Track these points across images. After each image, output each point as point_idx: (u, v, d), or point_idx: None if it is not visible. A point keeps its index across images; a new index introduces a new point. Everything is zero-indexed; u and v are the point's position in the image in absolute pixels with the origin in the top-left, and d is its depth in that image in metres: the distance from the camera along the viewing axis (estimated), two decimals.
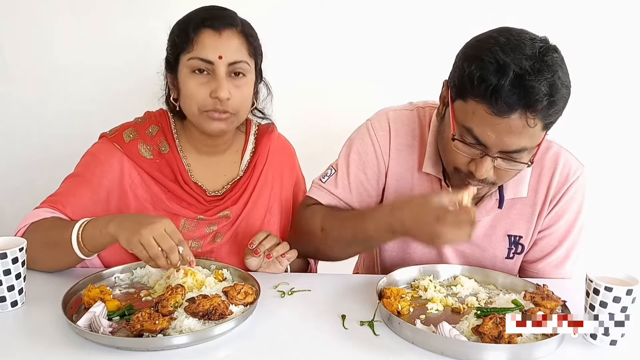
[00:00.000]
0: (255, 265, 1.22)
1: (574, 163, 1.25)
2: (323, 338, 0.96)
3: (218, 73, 1.18)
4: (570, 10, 1.83)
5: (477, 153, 1.05)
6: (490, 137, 1.01)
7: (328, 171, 1.33)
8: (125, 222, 1.04)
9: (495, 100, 0.96)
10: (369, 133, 1.29)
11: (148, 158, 1.27)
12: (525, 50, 0.96)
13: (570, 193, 1.24)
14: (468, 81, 1.00)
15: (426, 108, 1.29)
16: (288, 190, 1.42)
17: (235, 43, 1.20)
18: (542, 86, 0.95)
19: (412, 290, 1.14)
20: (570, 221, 1.26)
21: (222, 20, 1.19)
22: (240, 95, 1.22)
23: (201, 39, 1.18)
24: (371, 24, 1.92)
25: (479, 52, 1.00)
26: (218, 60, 1.17)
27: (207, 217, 1.30)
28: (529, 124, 0.98)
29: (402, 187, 1.28)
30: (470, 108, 1.01)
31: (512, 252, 1.29)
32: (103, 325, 0.92)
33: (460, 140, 1.05)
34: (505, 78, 0.95)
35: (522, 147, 1.02)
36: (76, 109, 1.97)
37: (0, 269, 0.99)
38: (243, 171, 1.36)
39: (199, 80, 1.19)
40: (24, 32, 1.90)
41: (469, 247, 1.30)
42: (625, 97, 1.98)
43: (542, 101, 0.96)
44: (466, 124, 1.03)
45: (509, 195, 1.24)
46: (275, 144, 1.40)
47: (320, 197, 1.30)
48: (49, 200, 1.21)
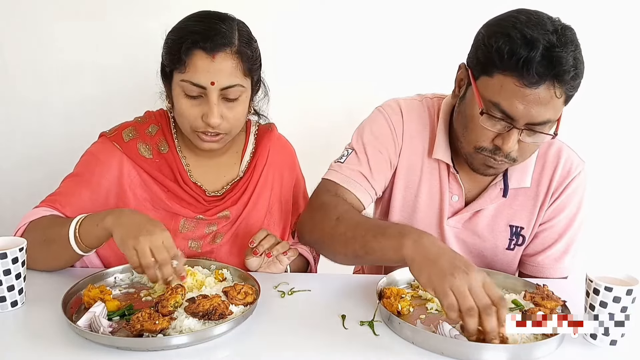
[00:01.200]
0: (256, 265, 1.23)
1: (576, 159, 1.28)
2: (323, 338, 0.96)
3: (210, 98, 1.15)
4: (570, 8, 1.83)
5: (504, 126, 1.08)
6: (518, 109, 1.04)
7: (344, 152, 1.32)
8: (123, 218, 1.02)
9: (527, 71, 1.00)
10: (383, 116, 1.31)
11: (147, 157, 1.27)
12: (547, 26, 1.02)
13: (571, 187, 1.26)
14: (497, 56, 1.03)
15: (434, 99, 1.33)
16: (288, 190, 1.42)
17: (229, 67, 1.15)
18: (569, 57, 1.00)
19: (412, 290, 1.14)
20: (571, 215, 1.28)
21: (215, 40, 1.13)
22: (233, 116, 1.19)
23: (193, 62, 1.13)
24: (371, 24, 1.92)
25: (504, 29, 1.04)
26: (210, 86, 1.14)
27: (207, 217, 1.29)
28: (556, 94, 1.02)
29: (411, 171, 1.31)
30: (497, 82, 1.05)
31: (512, 244, 1.31)
32: (103, 325, 0.92)
33: (489, 114, 1.08)
34: (535, 50, 0.99)
35: (548, 118, 1.05)
36: (76, 108, 1.97)
37: (0, 269, 0.99)
38: (243, 172, 1.35)
39: (190, 102, 1.17)
40: (24, 32, 1.90)
41: (470, 236, 1.32)
42: (627, 95, 1.98)
43: (569, 71, 1.01)
44: (493, 99, 1.06)
45: (513, 184, 1.26)
46: (275, 144, 1.39)
47: (342, 179, 1.24)
48: (48, 200, 1.21)
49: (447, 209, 1.30)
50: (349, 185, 1.24)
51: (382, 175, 1.29)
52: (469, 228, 1.31)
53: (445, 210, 1.30)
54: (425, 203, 1.32)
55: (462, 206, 1.30)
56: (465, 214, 1.30)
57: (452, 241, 1.33)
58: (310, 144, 1.67)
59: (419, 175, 1.31)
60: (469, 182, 1.30)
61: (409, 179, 1.32)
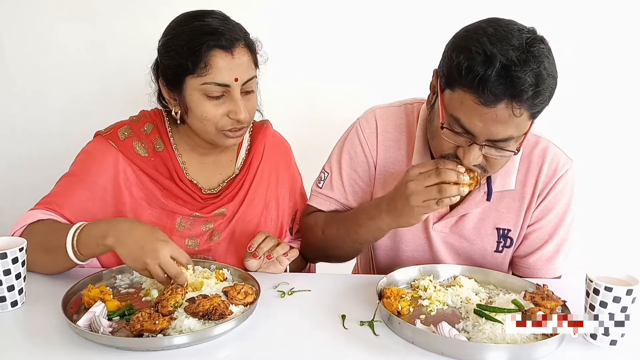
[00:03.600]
0: (255, 266, 1.22)
1: (562, 157, 1.26)
2: (323, 338, 0.96)
3: (235, 95, 1.16)
4: (559, 5, 1.83)
5: (465, 141, 1.07)
6: (477, 126, 1.03)
7: (322, 175, 1.39)
8: (123, 236, 1.02)
9: (482, 90, 0.98)
10: (357, 133, 1.34)
11: (143, 156, 1.27)
12: (512, 41, 0.98)
13: (558, 187, 1.25)
14: (456, 71, 1.01)
15: (414, 104, 1.33)
16: (284, 187, 1.42)
17: (246, 60, 1.17)
18: (527, 77, 0.96)
19: (412, 290, 1.14)
20: (560, 215, 1.27)
21: (230, 37, 1.14)
22: (252, 108, 1.22)
23: (215, 62, 1.13)
24: (367, 23, 1.93)
25: (467, 42, 1.02)
26: (234, 83, 1.15)
27: (203, 215, 1.29)
28: (515, 114, 1.00)
29: (390, 181, 1.31)
30: (458, 98, 1.03)
31: (501, 246, 1.31)
32: (103, 325, 0.92)
33: (449, 128, 1.07)
34: (492, 69, 0.96)
35: (509, 135, 1.04)
36: (76, 108, 1.97)
37: (0, 269, 0.99)
38: (239, 169, 1.35)
39: (214, 103, 1.17)
40: (24, 32, 1.90)
41: (458, 240, 1.31)
42: (620, 92, 1.97)
43: (527, 91, 0.97)
44: (454, 114, 1.05)
45: (497, 187, 1.25)
46: (270, 141, 1.40)
47: (319, 204, 1.37)
48: (45, 202, 1.20)
49: (432, 214, 1.29)
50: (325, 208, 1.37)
51: (359, 194, 1.36)
52: (456, 232, 1.31)
53: (431, 216, 1.29)
54: None
55: (447, 211, 1.30)
56: (451, 219, 1.29)
57: (440, 246, 1.32)
58: (307, 141, 1.67)
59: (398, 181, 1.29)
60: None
61: (389, 187, 1.28)
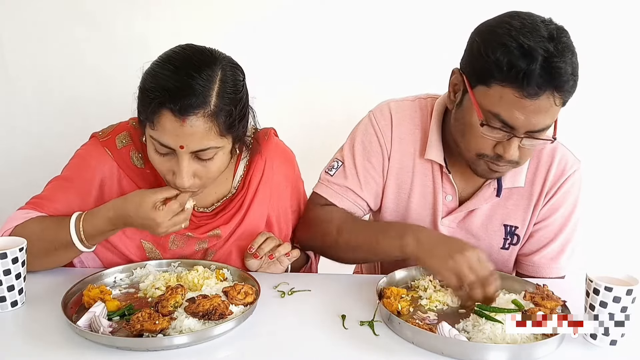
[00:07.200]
0: (256, 266, 1.22)
1: (571, 158, 1.28)
2: (323, 338, 0.96)
3: (179, 160, 1.04)
4: (566, 6, 1.83)
5: (505, 136, 1.08)
6: (518, 119, 1.04)
7: (334, 163, 1.34)
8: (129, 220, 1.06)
9: (528, 83, 1.00)
10: (371, 123, 1.32)
11: (139, 167, 1.20)
12: (542, 33, 1.01)
13: (566, 187, 1.26)
14: (495, 68, 1.02)
15: (427, 99, 1.33)
16: (287, 199, 1.34)
17: (201, 131, 1.01)
18: (567, 66, 1.00)
19: (412, 291, 1.14)
20: (566, 215, 1.28)
21: (186, 102, 0.98)
22: (207, 174, 1.08)
23: (162, 122, 1.00)
24: (369, 24, 1.92)
25: (499, 37, 1.03)
26: (179, 150, 1.02)
27: (197, 235, 1.22)
28: (556, 103, 1.03)
29: (403, 173, 1.32)
30: (496, 93, 1.04)
31: (507, 243, 1.31)
32: (103, 325, 0.92)
33: (488, 124, 1.08)
34: (535, 62, 0.99)
35: (547, 125, 1.07)
36: (76, 108, 1.97)
37: (0, 269, 0.99)
38: (235, 188, 1.26)
39: (161, 157, 1.07)
40: (24, 32, 1.90)
41: (465, 235, 1.32)
42: (620, 92, 1.97)
43: (569, 81, 1.01)
44: (493, 109, 1.06)
45: (506, 184, 1.26)
46: (272, 154, 1.29)
47: (331, 195, 1.31)
48: (33, 202, 1.17)
49: (441, 208, 1.30)
50: (337, 201, 1.31)
51: (372, 185, 1.32)
52: (464, 227, 1.31)
53: (440, 210, 1.30)
54: (418, 203, 1.32)
55: (456, 206, 1.30)
56: (459, 214, 1.30)
57: None
58: (309, 143, 1.67)
59: (410, 176, 1.31)
60: (462, 182, 1.30)
61: (400, 180, 1.32)
